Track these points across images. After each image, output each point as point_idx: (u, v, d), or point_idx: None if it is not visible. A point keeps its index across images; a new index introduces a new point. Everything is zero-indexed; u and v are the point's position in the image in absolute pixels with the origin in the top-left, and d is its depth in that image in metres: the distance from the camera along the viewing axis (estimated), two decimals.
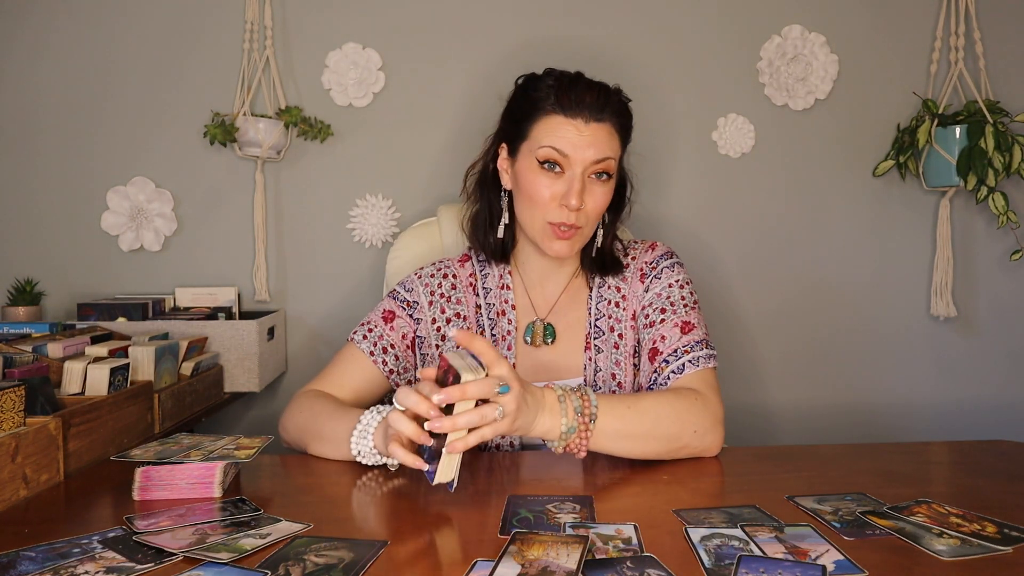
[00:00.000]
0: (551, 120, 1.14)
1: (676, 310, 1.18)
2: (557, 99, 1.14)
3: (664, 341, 1.16)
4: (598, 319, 1.23)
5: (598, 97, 1.14)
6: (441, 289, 1.26)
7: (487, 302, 1.26)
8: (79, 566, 0.71)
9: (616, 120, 1.16)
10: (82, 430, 1.04)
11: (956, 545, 0.74)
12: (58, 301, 1.75)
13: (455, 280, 1.27)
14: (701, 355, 1.14)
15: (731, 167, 1.81)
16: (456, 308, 1.25)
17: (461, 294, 1.26)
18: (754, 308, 1.84)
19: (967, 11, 1.78)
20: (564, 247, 1.16)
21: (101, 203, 1.74)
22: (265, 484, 0.98)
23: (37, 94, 1.74)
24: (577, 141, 1.12)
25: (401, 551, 0.74)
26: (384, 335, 1.23)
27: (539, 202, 1.15)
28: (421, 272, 1.29)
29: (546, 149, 1.13)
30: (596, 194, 1.15)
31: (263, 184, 1.74)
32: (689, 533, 0.77)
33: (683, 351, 1.14)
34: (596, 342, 1.22)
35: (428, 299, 1.26)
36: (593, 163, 1.13)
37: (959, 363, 1.86)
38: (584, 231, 1.17)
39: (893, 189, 1.83)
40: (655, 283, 1.22)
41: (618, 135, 1.17)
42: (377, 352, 1.22)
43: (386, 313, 1.25)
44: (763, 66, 1.79)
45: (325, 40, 1.74)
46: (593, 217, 1.16)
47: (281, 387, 1.80)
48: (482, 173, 1.27)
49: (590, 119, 1.13)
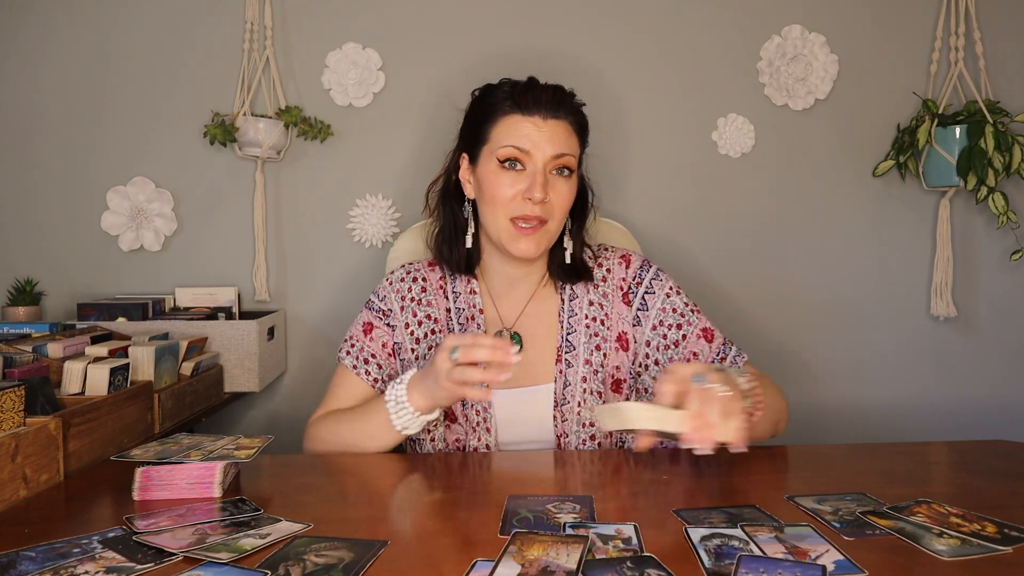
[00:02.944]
0: (509, 120, 1.17)
1: (689, 320, 1.21)
2: (514, 100, 1.17)
3: (698, 358, 1.19)
4: (570, 333, 1.22)
5: (554, 95, 1.17)
6: (412, 293, 1.26)
7: (456, 306, 1.25)
8: (79, 566, 0.71)
9: (572, 118, 1.19)
10: (82, 430, 1.04)
11: (956, 545, 0.74)
12: (58, 301, 1.75)
13: (425, 284, 1.27)
14: (737, 349, 1.21)
15: (731, 167, 1.81)
16: (427, 310, 1.25)
17: (431, 296, 1.26)
18: (753, 308, 1.84)
19: (967, 11, 1.78)
20: (530, 244, 1.15)
21: (101, 203, 1.74)
22: (265, 484, 0.98)
23: (37, 94, 1.74)
24: (536, 136, 1.14)
25: (401, 551, 0.74)
26: (365, 347, 1.24)
27: (501, 200, 1.16)
28: (391, 277, 1.29)
29: (507, 148, 1.15)
30: (560, 189, 1.16)
31: (263, 184, 1.74)
32: (689, 533, 0.77)
33: (722, 356, 1.19)
34: (567, 356, 1.21)
35: (400, 304, 1.26)
36: (553, 157, 1.15)
37: (959, 363, 1.86)
38: (550, 227, 1.17)
39: (893, 189, 1.83)
40: (650, 299, 1.23)
41: (576, 134, 1.19)
42: (360, 364, 1.23)
43: (365, 325, 1.26)
44: (763, 66, 1.79)
45: (325, 40, 1.74)
46: (558, 213, 1.16)
47: (281, 387, 1.80)
48: (444, 187, 1.28)
49: (548, 116, 1.16)
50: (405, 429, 1.08)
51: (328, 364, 1.79)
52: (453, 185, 1.26)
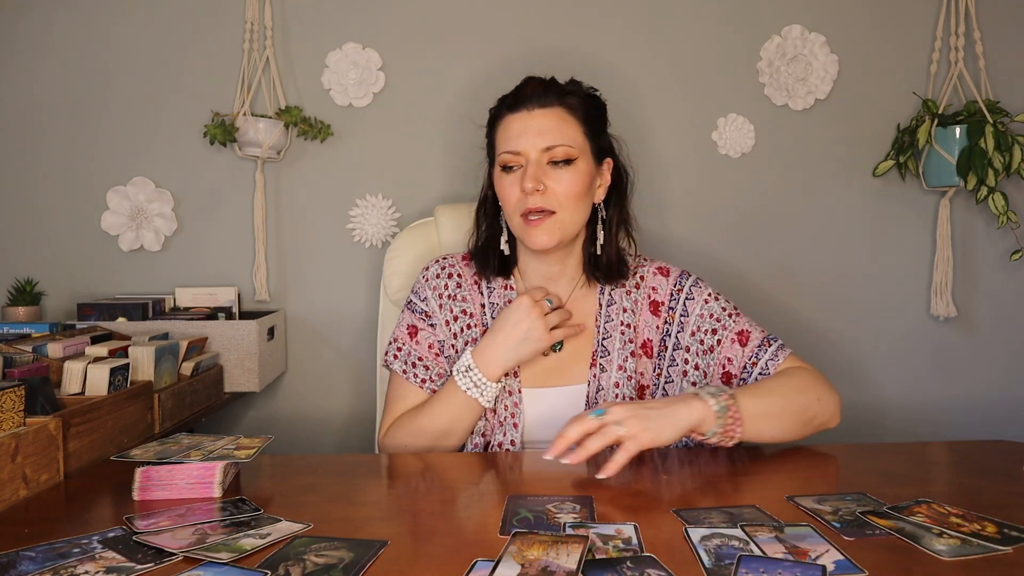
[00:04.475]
0: (503, 123, 1.19)
1: (725, 324, 1.21)
2: (506, 103, 1.19)
3: (732, 363, 1.18)
4: (605, 338, 1.23)
5: (539, 86, 1.18)
6: (448, 290, 1.27)
7: (490, 301, 1.26)
8: (79, 566, 0.70)
9: (566, 101, 1.17)
10: (82, 430, 1.04)
11: (956, 545, 0.74)
12: (58, 301, 1.75)
13: (460, 279, 1.28)
14: (776, 347, 1.18)
15: (731, 167, 1.81)
16: (463, 306, 1.26)
17: (467, 292, 1.27)
18: (753, 308, 1.83)
19: (967, 11, 1.77)
20: (541, 234, 1.15)
21: (101, 203, 1.74)
22: (265, 484, 0.98)
23: (37, 94, 1.74)
24: (524, 130, 1.15)
25: (401, 551, 0.74)
26: (412, 351, 1.25)
27: (509, 202, 1.18)
28: (427, 274, 1.29)
29: (503, 154, 1.18)
30: (560, 178, 1.15)
31: (263, 184, 1.74)
32: (689, 533, 0.77)
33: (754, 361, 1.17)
34: (601, 360, 1.22)
35: (438, 303, 1.27)
36: (544, 150, 1.15)
37: (959, 363, 1.86)
38: (560, 217, 1.16)
39: (893, 189, 1.83)
40: (691, 304, 1.23)
41: (576, 119, 1.18)
42: (408, 368, 1.24)
43: (410, 328, 1.27)
44: (763, 66, 1.79)
45: (325, 40, 1.74)
46: (565, 201, 1.16)
47: (281, 387, 1.80)
48: (481, 200, 1.29)
49: (534, 107, 1.16)
50: (483, 397, 1.15)
51: (328, 363, 1.80)
52: (491, 198, 1.27)
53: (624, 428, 0.96)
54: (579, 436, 0.96)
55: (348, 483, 0.97)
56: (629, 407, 0.99)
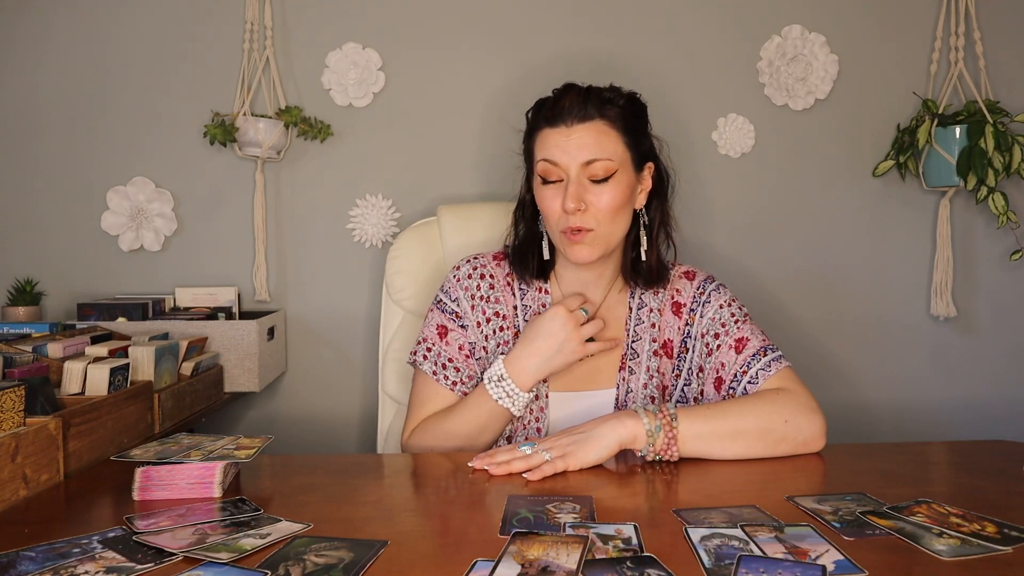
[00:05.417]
0: (541, 135, 1.18)
1: (728, 330, 1.20)
2: (543, 114, 1.18)
3: (724, 368, 1.17)
4: (635, 341, 1.23)
5: (578, 98, 1.15)
6: (480, 291, 1.25)
7: (523, 303, 1.26)
8: (79, 566, 0.71)
9: (607, 114, 1.15)
10: (82, 430, 1.04)
11: (956, 545, 0.74)
12: (58, 301, 1.75)
13: (492, 280, 1.27)
14: (771, 359, 1.15)
15: (731, 167, 1.81)
16: (495, 307, 1.25)
17: (499, 293, 1.26)
18: (753, 308, 1.83)
19: (967, 11, 1.77)
20: (583, 250, 1.15)
21: (101, 203, 1.74)
22: (265, 484, 0.98)
23: (37, 94, 1.74)
24: (564, 146, 1.14)
25: (401, 551, 0.74)
26: (442, 351, 1.24)
27: (549, 216, 1.17)
28: (459, 273, 1.27)
29: (541, 163, 1.17)
30: (600, 193, 1.14)
31: (263, 184, 1.74)
32: (689, 533, 0.77)
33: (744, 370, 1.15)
34: (631, 364, 1.22)
35: (470, 303, 1.25)
36: (583, 165, 1.14)
37: (959, 363, 1.86)
38: (599, 232, 1.15)
39: (893, 189, 1.83)
40: (707, 308, 1.23)
41: (616, 131, 1.16)
42: (439, 370, 1.23)
43: (439, 328, 1.25)
44: (763, 66, 1.79)
45: (325, 40, 1.74)
46: (604, 217, 1.15)
47: (281, 387, 1.80)
48: (519, 205, 1.29)
49: (573, 122, 1.14)
50: (514, 405, 1.16)
51: (328, 364, 1.80)
52: (530, 203, 1.26)
53: (549, 455, 0.99)
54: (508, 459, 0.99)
55: (348, 483, 0.97)
56: (556, 438, 1.02)
